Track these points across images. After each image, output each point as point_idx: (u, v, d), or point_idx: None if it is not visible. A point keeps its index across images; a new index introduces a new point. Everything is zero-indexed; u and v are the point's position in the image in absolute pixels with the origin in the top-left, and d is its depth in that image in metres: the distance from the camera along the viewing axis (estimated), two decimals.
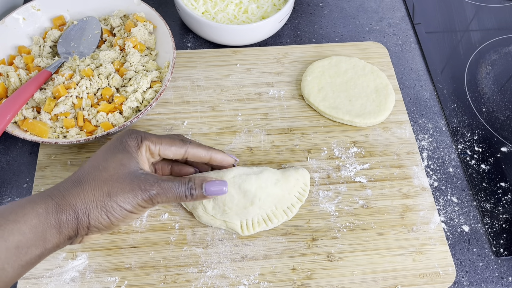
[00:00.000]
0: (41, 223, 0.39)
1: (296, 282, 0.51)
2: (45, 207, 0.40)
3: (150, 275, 0.51)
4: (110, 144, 0.46)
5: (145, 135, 0.47)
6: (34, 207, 0.40)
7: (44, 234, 0.40)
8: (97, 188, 0.42)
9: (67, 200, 0.41)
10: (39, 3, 0.66)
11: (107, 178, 0.43)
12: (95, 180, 0.42)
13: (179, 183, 0.46)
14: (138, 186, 0.43)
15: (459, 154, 0.63)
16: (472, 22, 0.78)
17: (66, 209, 0.41)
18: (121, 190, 0.42)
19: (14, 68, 0.61)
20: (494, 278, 0.54)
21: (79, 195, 0.42)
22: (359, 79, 0.65)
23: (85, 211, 0.41)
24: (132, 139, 0.46)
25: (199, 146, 0.50)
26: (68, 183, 0.43)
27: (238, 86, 0.66)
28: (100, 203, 0.42)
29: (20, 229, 0.38)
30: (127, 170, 0.44)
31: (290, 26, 0.75)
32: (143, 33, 0.64)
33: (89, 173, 0.43)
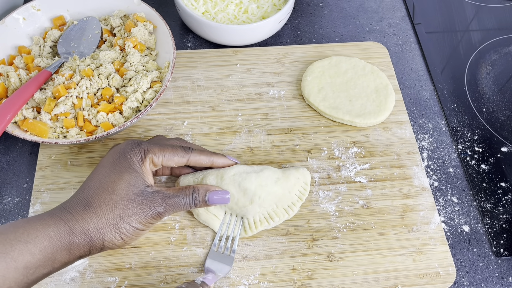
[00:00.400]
0: (52, 245, 0.40)
1: (296, 282, 0.51)
2: (58, 230, 0.41)
3: (150, 275, 0.51)
4: (114, 159, 0.46)
5: (148, 148, 0.47)
6: (46, 230, 0.40)
7: (54, 256, 0.40)
8: (109, 211, 0.43)
9: (80, 225, 0.42)
10: (39, 3, 0.65)
11: (118, 201, 0.44)
12: (106, 204, 0.43)
13: (184, 196, 0.47)
14: (148, 207, 0.44)
15: (459, 154, 0.63)
16: (472, 22, 0.78)
17: (79, 234, 0.42)
18: (132, 212, 0.44)
19: (14, 68, 0.61)
20: (494, 278, 0.54)
21: (92, 220, 0.42)
22: (359, 79, 0.65)
23: (99, 235, 0.43)
24: (136, 154, 0.46)
25: (201, 154, 0.51)
26: (79, 206, 0.43)
27: (238, 86, 0.66)
28: (114, 226, 0.43)
29: (30, 250, 0.39)
30: (136, 191, 0.44)
31: (290, 26, 0.75)
32: (143, 33, 0.64)
33: (98, 195, 0.44)
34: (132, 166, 0.45)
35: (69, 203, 0.44)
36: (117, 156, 0.46)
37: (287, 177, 0.54)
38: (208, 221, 0.53)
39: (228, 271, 0.50)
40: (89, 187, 0.45)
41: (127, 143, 0.47)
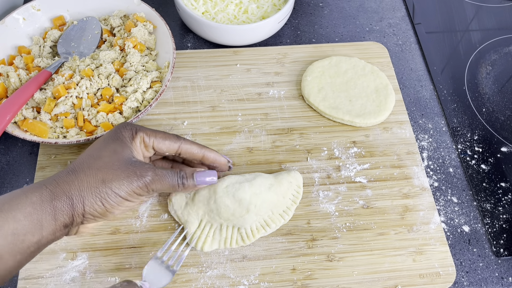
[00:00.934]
0: (36, 210, 0.40)
1: (296, 282, 0.51)
2: (39, 195, 0.41)
3: None
4: (105, 135, 0.47)
5: (140, 127, 0.48)
6: (28, 196, 0.40)
7: (40, 221, 0.40)
8: (92, 175, 0.43)
9: (61, 187, 0.42)
10: (39, 3, 0.65)
11: (102, 166, 0.44)
12: (90, 169, 0.43)
13: (172, 172, 0.47)
14: (133, 172, 0.44)
15: (459, 154, 0.63)
16: (472, 22, 0.78)
17: (61, 196, 0.41)
18: (116, 176, 0.43)
19: (14, 68, 0.61)
20: (494, 278, 0.54)
21: (74, 182, 0.42)
22: (359, 79, 0.65)
23: (79, 198, 0.42)
24: (127, 130, 0.47)
25: (192, 143, 0.51)
26: (63, 173, 0.43)
27: (238, 86, 0.66)
28: (94, 189, 0.43)
29: (15, 217, 0.39)
30: (121, 158, 0.44)
31: (290, 26, 0.75)
32: (143, 33, 0.64)
33: (84, 162, 0.44)
34: (121, 139, 0.46)
35: (55, 174, 0.44)
36: (108, 134, 0.47)
37: (279, 182, 0.54)
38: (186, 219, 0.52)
39: (165, 285, 0.47)
40: (78, 159, 0.45)
41: (121, 124, 0.48)
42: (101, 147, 0.45)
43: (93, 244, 0.52)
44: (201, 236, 0.52)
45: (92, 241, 0.52)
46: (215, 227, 0.52)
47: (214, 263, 0.52)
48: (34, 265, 0.50)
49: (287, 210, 0.54)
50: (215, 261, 0.52)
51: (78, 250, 0.51)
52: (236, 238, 0.52)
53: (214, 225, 0.52)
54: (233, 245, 0.52)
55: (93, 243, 0.52)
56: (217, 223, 0.52)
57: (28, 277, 0.50)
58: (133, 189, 0.44)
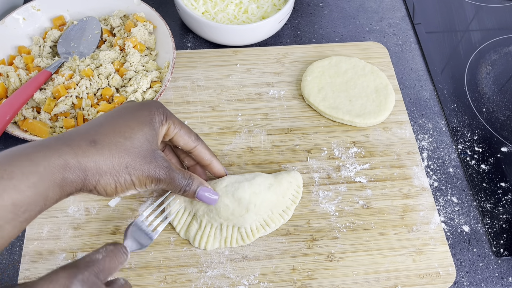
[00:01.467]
0: (42, 182, 0.36)
1: (296, 283, 0.51)
2: (49, 165, 0.36)
3: (150, 275, 0.51)
4: (136, 108, 0.43)
5: (170, 114, 0.46)
6: (35, 163, 0.36)
7: (46, 193, 0.36)
8: (117, 157, 0.39)
9: (78, 159, 0.38)
10: (39, 3, 0.66)
11: (130, 149, 0.40)
12: (117, 147, 0.40)
13: (182, 176, 0.46)
14: (153, 168, 0.42)
15: (459, 154, 0.63)
16: (472, 22, 0.78)
17: (74, 169, 0.37)
18: (139, 166, 0.41)
19: (14, 68, 0.61)
20: (494, 278, 0.54)
21: (94, 158, 0.38)
22: (359, 79, 0.65)
23: (95, 176, 0.39)
24: (160, 114, 0.44)
25: (207, 149, 0.51)
26: (83, 141, 0.39)
27: (238, 86, 0.66)
28: (115, 172, 0.40)
29: (16, 187, 0.34)
30: (151, 149, 0.42)
31: (290, 26, 0.75)
32: (143, 33, 0.64)
33: (109, 135, 0.40)
34: (153, 124, 0.43)
35: (69, 136, 0.39)
36: (140, 106, 0.43)
37: (279, 182, 0.54)
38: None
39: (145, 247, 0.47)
40: (100, 125, 0.41)
41: (152, 102, 0.45)
42: (133, 125, 0.41)
43: (93, 244, 0.52)
44: (203, 236, 0.52)
45: (92, 241, 0.52)
46: (215, 227, 0.52)
47: (214, 263, 0.52)
48: (34, 265, 0.50)
49: (287, 210, 0.54)
50: (215, 261, 0.52)
51: (78, 250, 0.51)
52: (236, 237, 0.52)
53: (215, 225, 0.52)
54: (233, 245, 0.52)
55: (93, 243, 0.52)
56: (217, 223, 0.52)
57: (28, 277, 0.50)
58: (146, 182, 0.43)
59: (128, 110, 0.43)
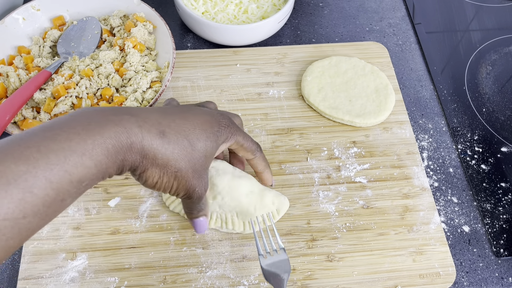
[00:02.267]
0: (107, 159, 0.36)
1: (296, 283, 0.51)
2: (118, 144, 0.36)
3: (150, 275, 0.51)
4: (209, 118, 0.44)
5: (236, 132, 0.46)
6: (105, 142, 0.36)
7: (107, 170, 0.37)
8: (175, 158, 0.40)
9: (143, 145, 0.38)
10: (39, 3, 0.65)
11: (189, 157, 0.41)
12: (179, 148, 0.40)
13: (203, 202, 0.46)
14: (197, 185, 0.43)
15: (459, 154, 0.63)
16: (472, 22, 0.78)
17: (136, 153, 0.38)
18: (187, 177, 0.41)
19: (14, 68, 0.61)
20: (494, 278, 0.54)
21: (157, 147, 0.39)
22: (359, 79, 0.65)
23: (148, 163, 0.39)
24: (227, 131, 0.45)
25: (263, 160, 0.52)
26: (153, 128, 0.39)
27: (238, 86, 0.66)
28: (164, 170, 0.40)
29: (85, 164, 0.34)
30: (205, 165, 0.43)
31: (290, 26, 0.75)
32: (143, 33, 0.64)
33: (178, 134, 0.41)
34: (217, 140, 0.44)
35: (143, 115, 0.39)
36: (212, 118, 0.44)
37: (261, 196, 0.53)
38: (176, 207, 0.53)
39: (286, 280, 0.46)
40: (173, 119, 0.41)
41: (223, 115, 0.45)
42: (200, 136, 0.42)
43: (92, 244, 0.52)
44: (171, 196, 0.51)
45: (92, 241, 0.52)
46: None
47: (214, 263, 0.51)
48: (34, 265, 0.50)
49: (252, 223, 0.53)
50: (215, 261, 0.52)
51: (78, 250, 0.51)
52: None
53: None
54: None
55: (93, 243, 0.52)
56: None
57: (27, 277, 0.49)
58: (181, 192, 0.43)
59: (202, 115, 0.44)
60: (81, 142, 0.34)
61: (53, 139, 0.34)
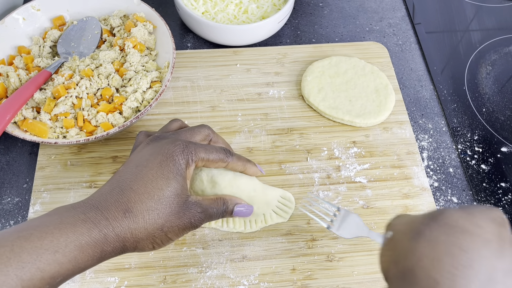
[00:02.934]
0: (83, 255, 0.37)
1: (296, 283, 0.51)
2: (90, 239, 0.37)
3: (150, 275, 0.51)
4: (162, 161, 0.42)
5: (195, 152, 0.44)
6: (78, 238, 0.37)
7: (85, 264, 0.38)
8: (151, 222, 0.40)
9: (116, 232, 0.39)
10: (39, 3, 0.65)
11: (162, 210, 0.40)
12: (149, 213, 0.40)
13: (217, 208, 0.46)
14: (188, 219, 0.42)
15: (459, 154, 0.63)
16: (472, 22, 0.78)
17: (114, 242, 0.39)
18: (173, 223, 0.41)
19: (14, 68, 0.61)
20: None
21: (130, 228, 0.39)
22: (359, 79, 0.65)
23: (133, 243, 0.40)
24: (184, 158, 0.43)
25: (238, 160, 0.49)
26: (118, 212, 0.39)
27: (238, 86, 0.66)
28: (151, 236, 0.40)
29: (59, 260, 0.36)
30: (180, 202, 0.42)
31: (290, 26, 0.75)
32: (143, 33, 0.64)
33: (142, 201, 0.40)
34: (180, 172, 0.42)
35: (104, 203, 0.39)
36: (164, 157, 0.42)
37: (264, 194, 0.53)
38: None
39: (361, 222, 0.49)
40: (131, 189, 0.40)
41: (173, 143, 0.43)
42: (161, 185, 0.41)
43: None
44: None
45: None
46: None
47: (214, 263, 0.52)
48: None
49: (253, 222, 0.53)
50: (215, 261, 0.52)
51: None
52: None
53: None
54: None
55: None
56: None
57: None
58: (183, 233, 0.43)
59: (157, 164, 0.42)
60: (54, 240, 0.36)
61: (27, 238, 0.35)
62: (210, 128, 0.50)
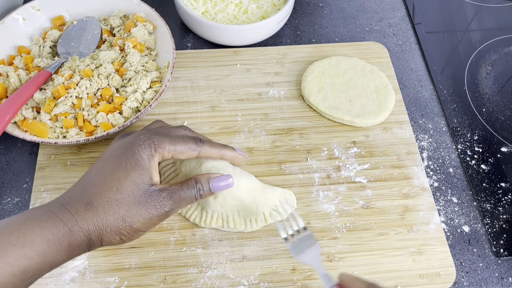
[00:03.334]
0: (51, 249, 0.38)
1: (296, 283, 0.51)
2: (56, 233, 0.38)
3: (150, 275, 0.51)
4: (121, 154, 0.43)
5: (159, 143, 0.44)
6: (44, 232, 0.38)
7: (53, 259, 0.38)
8: (111, 212, 0.41)
9: (80, 225, 0.39)
10: (39, 3, 0.65)
11: (121, 201, 0.41)
12: (109, 204, 0.41)
13: (188, 188, 0.45)
14: (153, 206, 0.42)
15: (459, 154, 0.63)
16: (472, 22, 0.78)
17: (79, 235, 0.39)
18: (136, 213, 0.41)
19: (14, 68, 0.61)
20: (494, 278, 0.54)
21: (92, 220, 0.40)
22: (359, 79, 0.65)
23: (98, 236, 0.41)
24: (145, 149, 0.43)
25: (211, 147, 0.48)
26: (80, 205, 0.40)
27: (238, 86, 0.66)
28: (114, 228, 0.41)
29: (27, 255, 0.37)
30: (141, 191, 0.42)
31: (290, 26, 0.75)
32: (143, 33, 0.64)
33: (101, 193, 0.41)
34: (140, 163, 0.42)
35: (68, 199, 0.41)
36: (124, 150, 0.43)
37: (263, 193, 0.53)
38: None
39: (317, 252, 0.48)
40: (92, 183, 0.41)
41: (135, 136, 0.44)
42: (120, 176, 0.41)
43: None
44: None
45: None
46: None
47: (214, 263, 0.52)
48: None
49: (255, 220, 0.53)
50: (215, 261, 0.52)
51: None
52: (196, 214, 0.53)
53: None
54: (190, 218, 0.53)
55: None
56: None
57: None
58: (153, 222, 0.43)
59: (116, 157, 0.43)
60: (20, 235, 0.37)
61: None
62: (188, 128, 0.50)
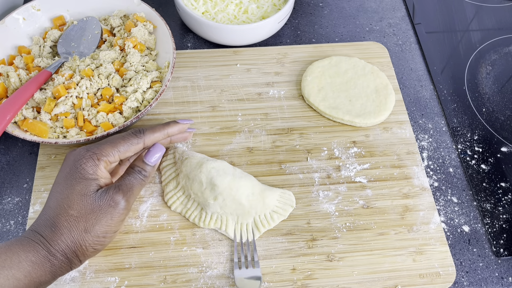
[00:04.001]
0: (35, 270, 0.41)
1: (296, 282, 0.51)
2: (37, 254, 0.41)
3: (150, 275, 0.51)
4: (67, 173, 0.45)
5: (100, 151, 0.46)
6: (27, 255, 0.41)
7: (39, 279, 0.41)
8: (74, 228, 0.43)
9: (55, 247, 0.42)
10: (39, 3, 0.65)
11: (76, 214, 0.43)
12: (67, 221, 0.43)
13: (130, 175, 0.47)
14: (108, 206, 0.44)
15: (459, 154, 0.63)
16: (472, 22, 0.78)
17: (57, 255, 0.42)
18: (94, 220, 0.44)
19: (14, 68, 0.61)
20: (494, 278, 0.54)
21: (61, 240, 0.43)
22: (359, 79, 0.65)
23: (72, 253, 0.43)
24: (88, 162, 0.45)
25: (154, 132, 0.50)
26: (47, 229, 0.43)
27: (238, 86, 0.66)
28: (83, 241, 0.43)
29: (15, 276, 0.40)
30: (90, 199, 0.44)
31: (290, 26, 0.75)
32: (143, 33, 0.64)
33: (59, 214, 0.43)
34: (84, 176, 0.45)
35: (37, 225, 0.44)
36: (69, 169, 0.45)
37: (262, 197, 0.53)
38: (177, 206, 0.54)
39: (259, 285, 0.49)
40: (49, 207, 0.44)
41: (77, 152, 0.46)
42: (68, 193, 0.44)
43: None
44: (173, 196, 0.54)
45: None
46: (186, 195, 0.53)
47: (214, 263, 0.52)
48: None
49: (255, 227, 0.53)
50: (215, 261, 0.52)
51: None
52: (195, 215, 0.53)
53: (186, 193, 0.53)
54: (190, 219, 0.53)
55: None
56: (188, 192, 0.53)
57: None
58: (116, 220, 0.45)
59: (63, 177, 0.45)
60: (7, 258, 0.40)
61: None
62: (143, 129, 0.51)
